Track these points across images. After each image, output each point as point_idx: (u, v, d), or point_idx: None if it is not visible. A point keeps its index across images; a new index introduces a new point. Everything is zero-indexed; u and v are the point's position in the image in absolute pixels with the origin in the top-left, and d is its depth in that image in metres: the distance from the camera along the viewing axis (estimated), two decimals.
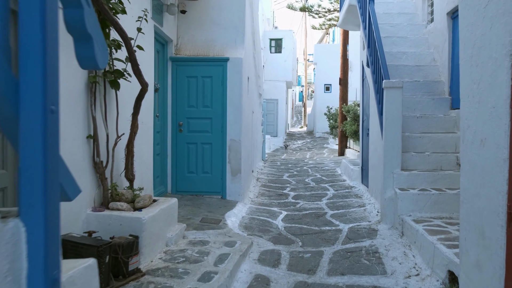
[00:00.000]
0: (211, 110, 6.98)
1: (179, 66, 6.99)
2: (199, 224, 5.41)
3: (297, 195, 8.05)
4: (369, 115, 7.49)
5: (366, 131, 7.81)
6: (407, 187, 5.62)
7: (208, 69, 6.96)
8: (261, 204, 7.23)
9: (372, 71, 6.98)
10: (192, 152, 7.03)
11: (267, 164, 12.77)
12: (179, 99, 7.00)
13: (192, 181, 7.05)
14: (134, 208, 4.30)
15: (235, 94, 6.95)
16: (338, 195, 7.90)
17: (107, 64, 1.91)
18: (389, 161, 5.71)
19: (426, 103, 6.65)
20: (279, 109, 25.39)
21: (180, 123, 7.00)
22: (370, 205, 6.80)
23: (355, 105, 15.09)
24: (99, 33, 1.79)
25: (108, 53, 2.10)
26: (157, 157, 6.70)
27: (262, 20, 24.72)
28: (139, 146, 5.31)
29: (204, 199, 6.88)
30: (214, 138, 6.99)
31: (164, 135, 6.94)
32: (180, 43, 7.17)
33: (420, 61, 7.39)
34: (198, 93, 6.98)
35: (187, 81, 6.99)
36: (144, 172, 5.56)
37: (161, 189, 6.89)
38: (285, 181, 9.68)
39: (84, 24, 1.67)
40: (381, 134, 6.15)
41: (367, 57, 7.45)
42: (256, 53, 9.78)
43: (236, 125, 6.97)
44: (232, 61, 6.94)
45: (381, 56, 6.31)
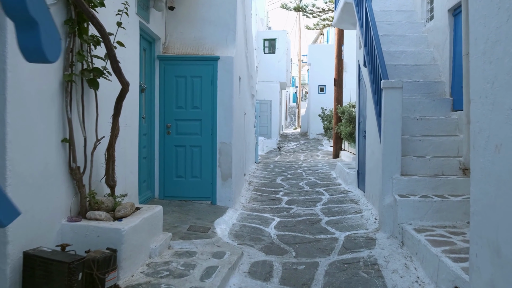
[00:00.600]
0: (201, 111, 6.65)
1: (167, 65, 6.66)
2: (186, 233, 5.07)
3: (290, 200, 7.73)
4: (366, 117, 7.20)
5: (363, 134, 7.51)
6: (407, 193, 5.32)
7: (197, 69, 6.63)
8: (253, 210, 6.90)
9: (369, 70, 6.68)
10: (180, 155, 6.70)
11: (260, 167, 12.45)
12: (167, 100, 6.66)
13: (180, 186, 6.72)
14: (114, 218, 3.96)
15: (225, 95, 6.63)
16: (334, 200, 7.59)
17: (59, 57, 1.59)
18: (388, 166, 5.40)
19: (426, 104, 6.36)
20: (272, 110, 25.10)
21: (168, 125, 6.66)
22: (367, 212, 6.49)
23: (350, 106, 14.81)
24: (48, 19, 1.46)
25: (61, 44, 1.76)
26: (144, 161, 6.36)
27: (256, 20, 24.44)
28: (122, 150, 4.98)
29: (193, 205, 6.54)
30: (204, 140, 6.66)
31: (151, 138, 6.60)
32: (168, 41, 6.84)
33: (419, 61, 7.10)
34: (187, 94, 6.65)
35: (176, 81, 6.65)
36: (128, 177, 5.22)
37: (148, 194, 6.55)
38: (278, 185, 9.36)
39: (25, 6, 1.34)
40: (379, 137, 5.86)
41: (363, 57, 7.16)
42: (248, 53, 9.46)
43: (227, 127, 6.65)
44: (222, 60, 6.62)
45: (379, 54, 6.01)
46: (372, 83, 6.48)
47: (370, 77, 6.60)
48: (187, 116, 6.66)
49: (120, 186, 4.90)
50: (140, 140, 6.09)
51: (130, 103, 5.16)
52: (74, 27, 3.67)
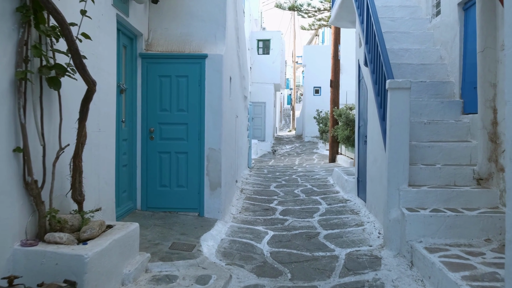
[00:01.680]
0: (187, 114, 6.06)
1: (150, 63, 6.07)
2: (167, 252, 4.48)
3: (285, 210, 7.15)
4: (367, 120, 6.64)
5: (363, 139, 6.96)
6: (416, 206, 4.75)
7: (183, 67, 6.05)
8: (245, 222, 6.32)
9: (371, 70, 6.13)
10: (165, 162, 6.10)
11: (253, 172, 11.87)
12: (150, 102, 6.07)
13: (165, 196, 6.12)
14: (79, 240, 3.37)
15: (214, 96, 6.05)
16: (332, 210, 7.02)
17: None
18: (394, 176, 4.84)
19: (434, 107, 5.81)
20: (266, 112, 24.54)
21: (151, 129, 6.07)
22: (369, 224, 5.93)
23: (347, 109, 14.29)
24: None
25: None
26: (124, 169, 5.77)
27: (250, 21, 23.91)
28: (95, 158, 4.38)
29: (179, 217, 5.94)
30: (190, 146, 6.07)
31: (132, 144, 6.00)
32: (152, 37, 6.25)
33: (425, 59, 6.56)
34: (172, 95, 6.06)
35: (160, 81, 6.07)
36: (103, 189, 4.62)
37: (129, 205, 5.95)
38: (272, 192, 8.78)
39: None
40: (384, 143, 5.30)
41: (364, 55, 6.61)
42: (240, 52, 8.89)
43: (216, 131, 6.06)
44: (211, 58, 6.04)
45: (383, 52, 5.46)
46: (375, 83, 5.93)
47: (373, 77, 6.04)
48: (172, 120, 6.07)
49: (92, 199, 4.31)
50: (119, 146, 5.50)
51: (105, 106, 4.57)
52: (28, 15, 3.07)
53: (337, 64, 14.53)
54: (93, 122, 4.28)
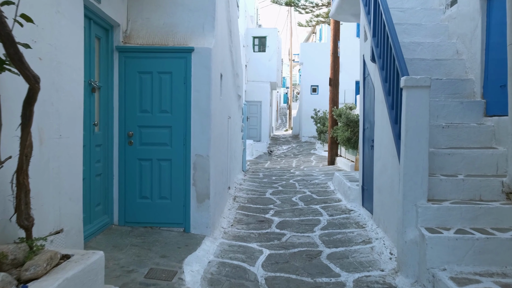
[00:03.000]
0: (171, 116, 5.32)
1: (128, 58, 5.32)
2: (142, 284, 3.74)
3: (282, 222, 6.42)
4: (374, 123, 5.92)
5: (370, 143, 6.23)
6: (437, 226, 4.03)
7: (166, 63, 5.31)
8: (237, 238, 5.59)
9: (380, 66, 5.41)
10: (145, 171, 5.36)
11: (248, 177, 11.12)
12: (128, 102, 5.33)
13: (146, 209, 5.38)
14: (19, 280, 2.63)
15: (202, 96, 5.31)
16: (334, 222, 6.29)
17: None
18: (411, 189, 4.11)
19: (452, 108, 5.09)
20: (262, 112, 23.83)
21: (130, 133, 5.32)
22: (378, 242, 5.20)
23: (346, 108, 13.60)
24: None
25: None
26: (97, 179, 5.02)
27: (245, 17, 23.19)
28: (55, 171, 3.63)
29: (161, 234, 5.20)
30: (175, 153, 5.33)
31: (107, 150, 5.26)
32: (131, 28, 5.50)
33: (439, 54, 5.85)
34: (154, 94, 5.32)
35: (139, 78, 5.32)
36: (66, 206, 3.87)
37: (104, 220, 5.21)
38: (268, 200, 8.05)
39: None
40: (397, 150, 4.57)
41: (371, 50, 5.88)
42: (234, 47, 8.15)
43: (204, 135, 5.33)
44: (198, 52, 5.30)
45: (395, 45, 4.74)
46: (385, 81, 5.21)
47: (382, 74, 5.32)
48: (153, 123, 5.33)
49: (50, 220, 3.57)
50: (90, 154, 4.76)
51: (67, 107, 3.82)
52: None
53: (336, 61, 13.82)
54: (51, 127, 3.54)
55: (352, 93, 22.94)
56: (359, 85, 7.17)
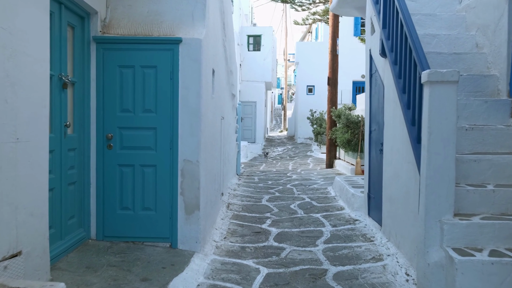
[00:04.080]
0: (156, 116, 4.69)
1: (107, 50, 4.68)
2: None
3: (281, 234, 5.80)
4: (384, 124, 5.32)
5: (378, 146, 5.63)
6: (467, 246, 3.43)
7: (151, 55, 4.67)
8: (230, 254, 4.96)
9: (392, 60, 4.81)
10: (127, 178, 4.72)
11: (242, 181, 10.49)
12: (107, 100, 4.69)
13: (127, 221, 4.74)
14: None
15: (191, 93, 4.68)
16: (339, 234, 5.68)
17: None
18: (435, 202, 3.51)
19: (475, 107, 4.50)
20: (257, 112, 23.21)
21: (109, 135, 4.68)
22: (390, 259, 4.60)
23: (345, 109, 13.01)
24: None
25: None
26: (71, 188, 4.38)
27: (240, 15, 22.61)
28: (10, 181, 2.99)
29: (144, 251, 4.56)
30: (160, 158, 4.70)
31: (83, 155, 4.62)
32: (111, 16, 4.86)
33: (457, 48, 5.26)
34: (137, 91, 4.69)
35: (120, 72, 4.69)
36: (25, 223, 3.22)
37: (80, 234, 4.56)
38: (264, 208, 7.42)
39: None
40: (415, 156, 3.97)
41: (381, 43, 5.29)
42: (227, 42, 7.53)
43: (193, 138, 4.69)
44: (187, 44, 4.67)
45: (412, 34, 4.14)
46: (398, 77, 4.61)
47: (394, 69, 4.72)
48: (136, 123, 4.70)
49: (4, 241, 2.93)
50: (61, 159, 4.13)
51: (28, 105, 3.18)
52: None
53: (335, 59, 13.22)
54: (4, 129, 2.89)
55: (349, 94, 22.39)
56: (365, 83, 6.57)
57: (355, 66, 21.42)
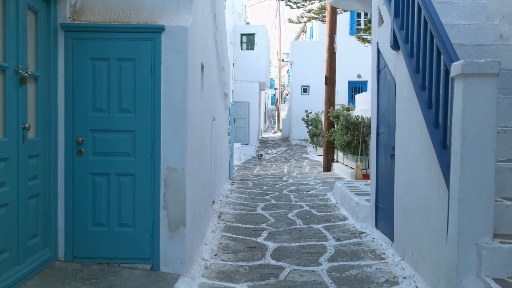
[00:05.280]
0: (134, 117, 4.03)
1: (78, 40, 4.01)
2: None
3: (279, 249, 5.15)
4: (396, 126, 4.69)
5: (389, 151, 4.99)
6: (509, 275, 2.80)
7: (129, 46, 4.01)
8: (221, 275, 4.30)
9: (407, 53, 4.19)
10: (101, 189, 4.05)
11: (235, 187, 9.83)
12: (78, 98, 4.02)
13: (101, 239, 4.07)
14: None
15: (176, 90, 4.02)
16: (344, 250, 5.04)
17: None
18: (470, 222, 2.88)
19: (505, 107, 3.89)
20: (251, 113, 22.57)
21: (80, 139, 4.01)
22: (407, 282, 3.96)
23: (343, 109, 12.41)
24: None
25: None
26: (32, 202, 3.70)
27: (233, 13, 21.98)
28: None
29: (120, 274, 3.89)
30: (139, 165, 4.03)
31: (48, 162, 3.94)
32: (82, 1, 4.18)
33: (480, 39, 4.67)
34: (112, 88, 4.02)
35: (93, 66, 4.02)
36: None
37: (45, 255, 3.88)
38: (259, 217, 6.77)
39: None
40: (440, 163, 3.34)
41: (392, 34, 4.67)
42: (218, 35, 6.87)
43: (178, 142, 4.03)
44: (170, 33, 4.01)
45: (434, 20, 3.52)
46: (415, 71, 3.99)
47: (410, 63, 4.10)
48: (111, 125, 4.03)
49: None
50: (20, 168, 3.46)
51: None
52: None
53: (333, 57, 12.60)
54: None
55: (345, 94, 21.83)
56: (372, 80, 5.93)
57: (351, 66, 20.90)
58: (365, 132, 10.11)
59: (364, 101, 11.23)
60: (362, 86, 22.35)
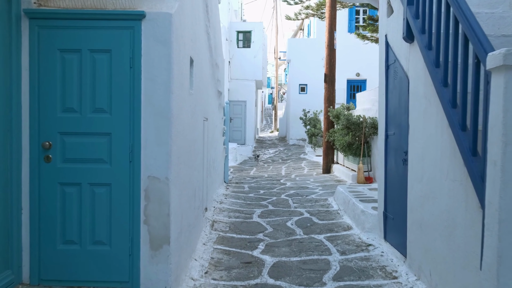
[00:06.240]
0: (110, 118, 3.48)
1: (45, 28, 3.47)
2: None
3: (277, 265, 4.61)
4: (408, 127, 4.17)
5: (401, 156, 4.46)
6: None
7: (104, 36, 3.47)
8: None
9: (425, 44, 3.67)
10: (71, 202, 3.51)
11: (230, 190, 9.28)
12: (44, 96, 3.47)
13: (72, 259, 3.53)
14: None
15: (158, 87, 3.48)
16: (350, 266, 4.50)
17: None
18: None
19: None
20: (247, 112, 22.03)
21: (47, 143, 3.46)
22: None
23: (343, 108, 11.90)
24: None
25: None
26: None
27: (229, 10, 21.44)
28: None
29: None
30: (116, 174, 3.49)
31: (10, 170, 3.39)
32: None
33: (504, 29, 4.15)
34: (84, 84, 3.48)
35: (62, 59, 3.47)
36: None
37: (7, 277, 3.34)
38: (256, 226, 6.23)
39: None
40: (469, 172, 2.81)
41: (405, 24, 4.14)
42: (211, 28, 6.32)
43: (161, 148, 3.49)
44: (152, 20, 3.47)
45: (460, 5, 2.98)
46: (435, 65, 3.45)
47: (428, 55, 3.57)
48: (84, 128, 3.49)
49: None
50: None
51: None
52: None
53: (332, 54, 12.07)
54: None
55: (343, 92, 21.33)
56: (379, 77, 5.40)
57: (350, 64, 20.43)
58: (367, 133, 9.59)
59: (366, 100, 10.72)
60: (361, 84, 21.88)
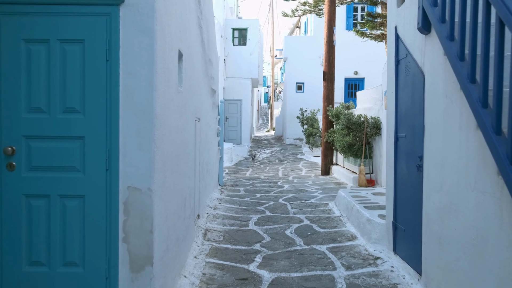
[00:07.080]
0: (83, 119, 3.00)
1: (6, 15, 2.98)
2: None
3: (276, 282, 4.13)
4: (424, 129, 3.71)
5: (414, 161, 3.99)
6: None
7: (75, 23, 2.98)
8: None
9: (446, 35, 3.21)
10: (39, 216, 3.02)
11: (225, 194, 8.79)
12: (6, 94, 2.99)
13: (40, 283, 3.04)
14: None
15: (139, 83, 3.00)
16: (358, 284, 4.03)
17: None
18: None
19: None
20: (243, 111, 21.55)
21: (10, 149, 2.97)
22: None
23: (343, 108, 11.45)
24: None
25: None
26: None
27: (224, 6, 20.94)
28: None
29: None
30: (91, 184, 3.01)
31: None
32: None
33: None
34: (53, 80, 2.99)
35: (27, 50, 2.98)
36: None
37: None
38: (252, 235, 5.75)
39: None
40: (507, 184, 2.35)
41: (421, 13, 3.68)
42: (204, 21, 5.84)
43: (143, 153, 3.01)
44: (132, 5, 2.99)
45: None
46: (460, 58, 2.99)
47: (451, 48, 3.11)
48: (52, 131, 3.00)
49: None
50: None
51: None
52: None
53: (331, 51, 11.60)
54: None
55: (341, 91, 20.90)
56: (388, 73, 4.95)
57: (348, 62, 20.03)
58: (369, 133, 9.14)
59: (367, 98, 10.27)
60: (359, 83, 21.48)
